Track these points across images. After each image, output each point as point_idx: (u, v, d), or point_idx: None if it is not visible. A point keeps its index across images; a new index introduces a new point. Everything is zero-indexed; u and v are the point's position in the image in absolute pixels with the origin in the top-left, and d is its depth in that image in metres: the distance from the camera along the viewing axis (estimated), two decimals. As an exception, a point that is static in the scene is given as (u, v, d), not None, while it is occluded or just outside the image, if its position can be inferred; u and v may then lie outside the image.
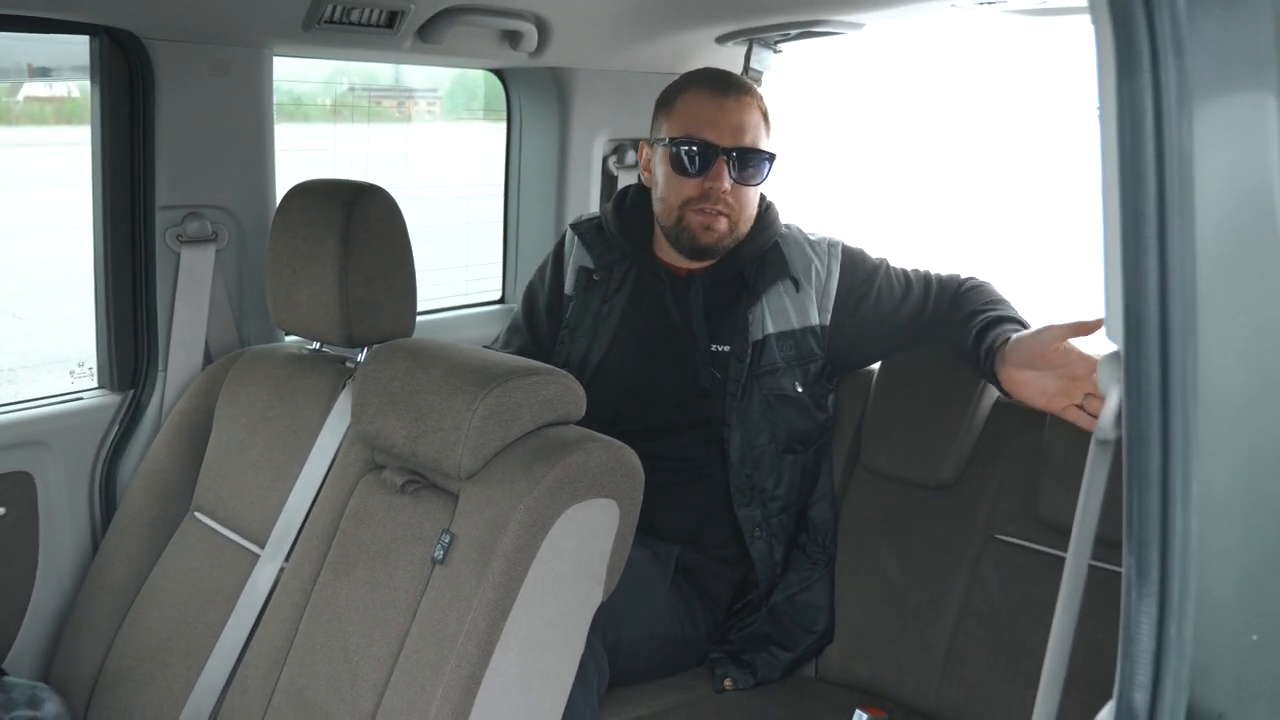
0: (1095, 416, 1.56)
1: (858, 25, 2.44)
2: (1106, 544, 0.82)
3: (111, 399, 2.17)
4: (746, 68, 2.55)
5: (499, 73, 2.72)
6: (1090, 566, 0.84)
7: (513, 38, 2.39)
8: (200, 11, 2.03)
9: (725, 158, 2.03)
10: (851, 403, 2.27)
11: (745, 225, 2.09)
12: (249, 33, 2.12)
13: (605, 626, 1.65)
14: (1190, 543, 0.74)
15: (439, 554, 1.49)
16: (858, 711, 2.03)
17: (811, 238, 2.18)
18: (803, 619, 2.15)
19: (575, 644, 1.53)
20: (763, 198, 2.17)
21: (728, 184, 2.03)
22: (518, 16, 2.34)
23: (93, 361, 2.23)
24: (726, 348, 2.09)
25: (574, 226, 2.27)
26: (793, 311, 2.09)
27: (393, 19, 2.19)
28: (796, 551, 2.16)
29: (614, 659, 1.88)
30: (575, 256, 2.22)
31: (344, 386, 1.85)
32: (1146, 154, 0.73)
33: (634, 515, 1.56)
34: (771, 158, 2.08)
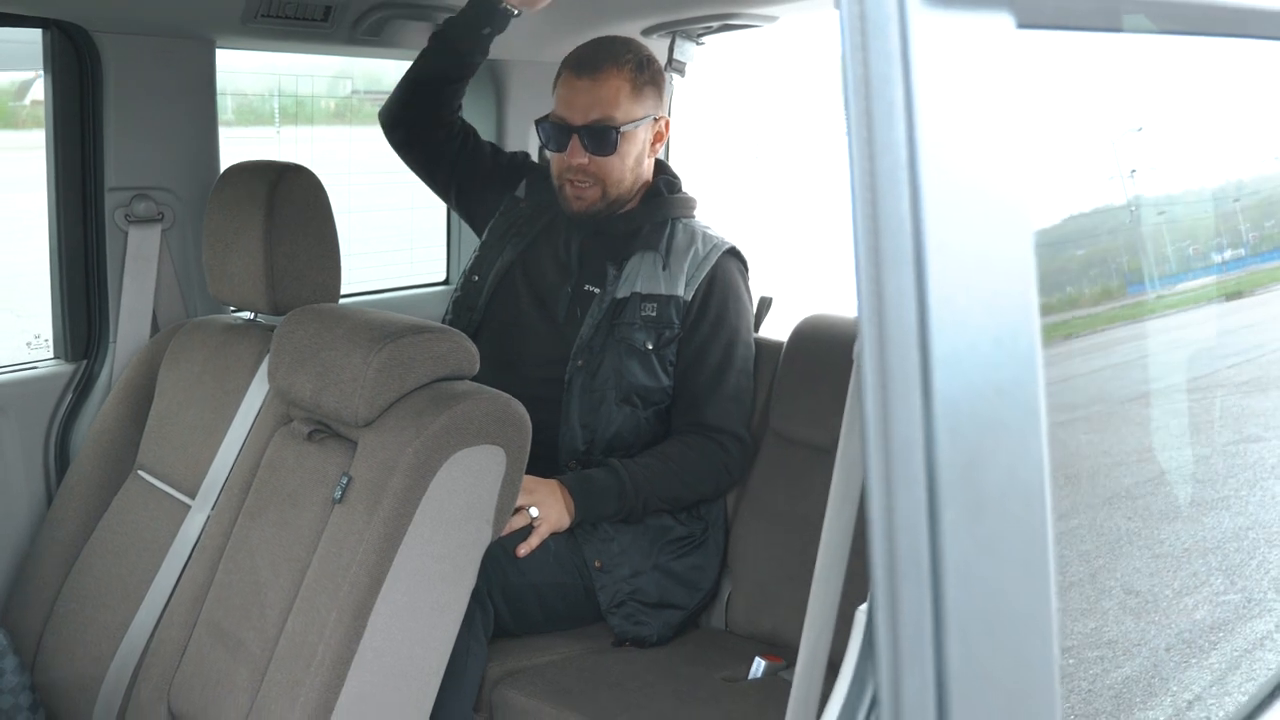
0: None
1: (771, 18, 2.59)
2: None
3: (65, 368, 2.32)
4: (670, 59, 2.70)
5: (440, 65, 2.87)
6: None
7: (440, 32, 2.54)
8: (145, 5, 2.18)
9: (577, 135, 2.23)
10: (763, 373, 2.41)
11: (617, 189, 2.28)
12: (192, 26, 2.28)
13: (491, 567, 1.79)
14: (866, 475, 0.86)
15: (338, 494, 1.64)
16: (757, 659, 2.18)
17: (708, 231, 2.35)
18: (690, 580, 2.27)
19: (465, 580, 1.68)
20: (671, 183, 2.35)
21: (584, 159, 2.23)
22: (447, 10, 2.49)
23: (49, 334, 2.38)
24: (597, 290, 2.26)
25: (531, 166, 2.53)
26: (662, 281, 2.25)
27: (327, 13, 2.35)
28: (669, 519, 2.26)
29: (504, 602, 2.03)
30: (519, 187, 2.46)
31: (269, 352, 2.00)
32: (849, 114, 0.84)
33: (521, 462, 1.71)
34: (619, 129, 2.24)
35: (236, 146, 2.49)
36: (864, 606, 0.95)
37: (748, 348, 2.34)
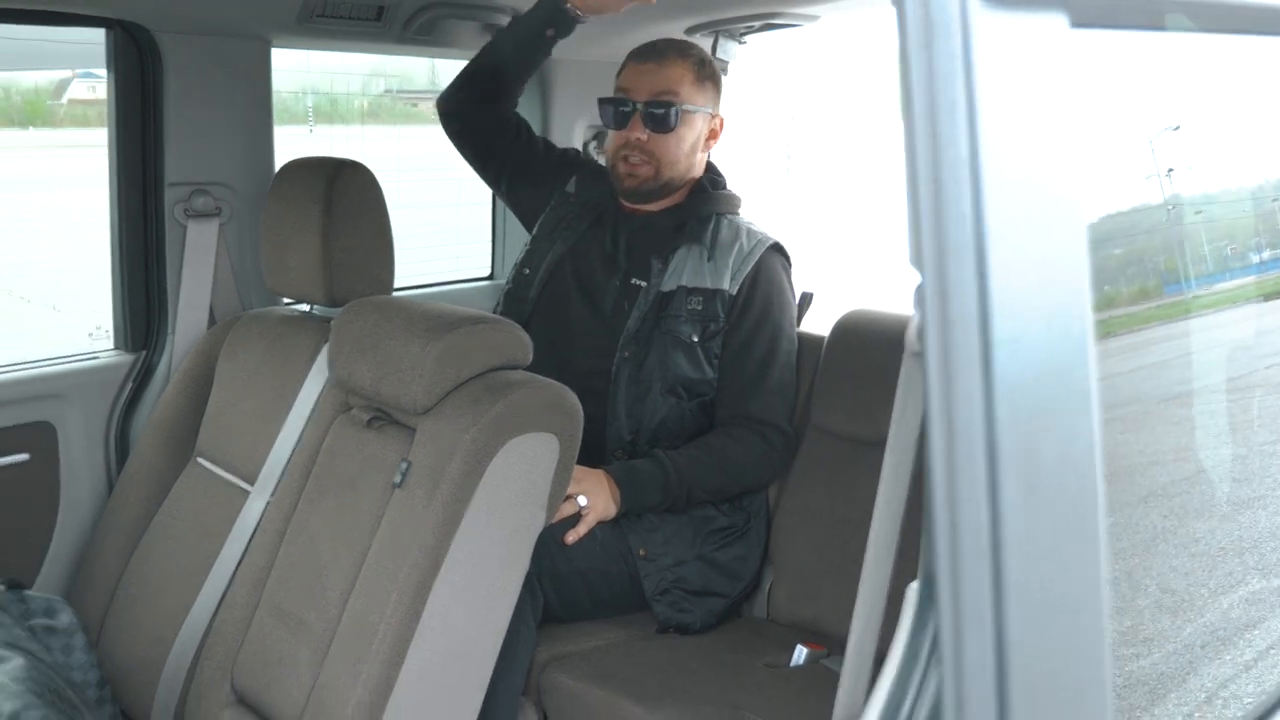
0: None
1: (813, 18, 2.62)
2: None
3: (125, 358, 2.39)
4: (713, 57, 2.74)
5: (487, 63, 2.92)
6: None
7: (494, 30, 2.59)
8: (204, 6, 2.24)
9: (639, 111, 2.30)
10: (805, 367, 2.45)
11: (671, 170, 2.34)
12: (249, 26, 2.34)
13: (541, 554, 1.84)
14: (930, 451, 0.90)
15: (398, 479, 1.69)
16: (799, 647, 2.22)
17: (752, 227, 2.39)
18: (732, 569, 2.31)
19: (520, 563, 1.73)
20: (716, 180, 2.40)
21: (643, 134, 2.30)
22: (499, 10, 2.54)
23: (109, 325, 2.45)
24: (644, 284, 2.30)
25: (580, 163, 2.59)
26: (708, 275, 2.30)
27: (380, 12, 2.40)
28: (711, 509, 2.30)
29: (552, 588, 2.08)
30: (569, 182, 2.51)
31: (327, 342, 2.06)
32: (914, 112, 0.88)
33: (574, 449, 1.76)
34: (681, 109, 2.30)
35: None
36: (914, 584, 0.99)
37: (791, 342, 2.38)
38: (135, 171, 2.34)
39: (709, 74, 2.37)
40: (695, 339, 2.27)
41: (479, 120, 2.48)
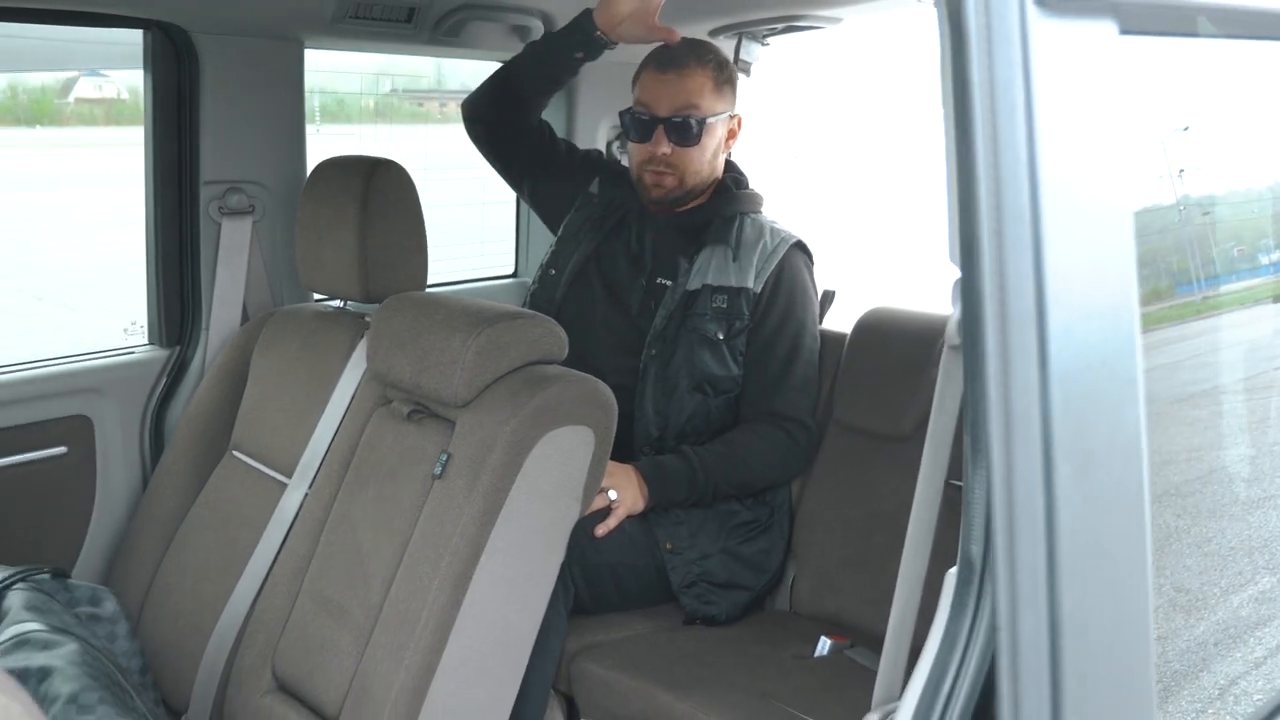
0: None
1: (835, 20, 2.66)
2: None
3: (160, 353, 2.43)
4: (736, 59, 2.78)
5: (512, 64, 2.97)
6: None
7: (522, 32, 2.64)
8: (240, 7, 2.28)
9: (662, 126, 2.32)
10: (827, 364, 2.49)
11: (695, 179, 2.37)
12: (283, 27, 2.38)
13: (572, 546, 1.88)
14: (988, 434, 0.94)
15: (438, 470, 1.74)
16: (823, 638, 2.26)
17: (775, 226, 2.43)
18: (756, 562, 2.35)
19: (556, 553, 1.77)
20: (737, 180, 2.44)
21: (667, 149, 2.32)
22: (526, 12, 2.59)
23: (144, 320, 2.49)
24: (669, 283, 2.35)
25: (603, 164, 2.62)
26: (732, 273, 2.34)
27: (411, 14, 2.45)
28: (736, 504, 2.34)
29: (582, 580, 2.12)
30: (593, 184, 2.54)
31: (362, 337, 2.10)
32: (974, 114, 0.93)
33: (608, 442, 1.80)
34: (704, 121, 2.33)
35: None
36: (953, 570, 1.03)
37: (814, 339, 2.42)
38: (171, 170, 2.38)
39: (727, 77, 2.40)
40: (721, 336, 2.31)
41: (503, 127, 2.51)
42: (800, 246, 2.43)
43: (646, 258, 2.41)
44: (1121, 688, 0.79)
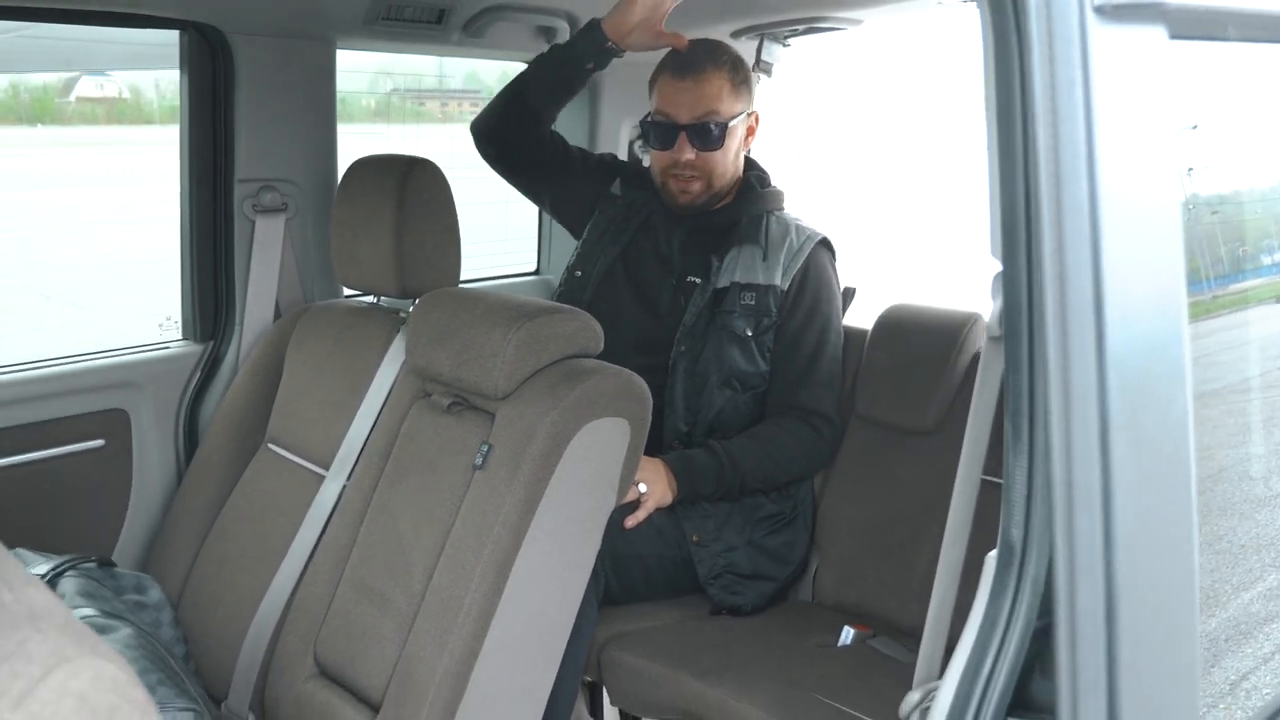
0: None
1: (857, 21, 2.71)
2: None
3: (194, 348, 2.48)
4: (758, 60, 2.83)
5: (535, 64, 3.01)
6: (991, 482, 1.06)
7: (547, 32, 2.68)
8: (275, 8, 2.33)
9: (685, 132, 2.35)
10: (848, 359, 2.54)
11: (720, 181, 2.42)
12: (317, 27, 2.43)
13: (603, 537, 1.92)
14: (1048, 413, 0.99)
15: (479, 461, 1.78)
16: (846, 628, 2.31)
17: (800, 224, 2.48)
18: (781, 554, 2.40)
19: (593, 541, 1.82)
20: (761, 179, 2.48)
21: (691, 154, 2.37)
22: (551, 13, 2.63)
23: (178, 316, 2.54)
24: (698, 281, 2.40)
25: (621, 165, 2.67)
26: (760, 271, 2.38)
27: (440, 16, 2.50)
28: (761, 497, 2.39)
29: (612, 570, 2.17)
30: (614, 184, 2.59)
31: (398, 332, 2.14)
32: (1015, 105, 0.97)
33: (643, 434, 1.85)
34: (725, 124, 2.37)
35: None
36: (992, 554, 1.07)
37: (838, 335, 2.47)
38: (206, 168, 2.43)
39: (744, 77, 2.43)
40: (749, 333, 2.36)
41: (515, 143, 2.53)
42: (825, 244, 2.47)
43: (675, 258, 2.46)
44: (1171, 653, 0.84)
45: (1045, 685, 1.04)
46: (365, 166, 2.21)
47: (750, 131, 2.49)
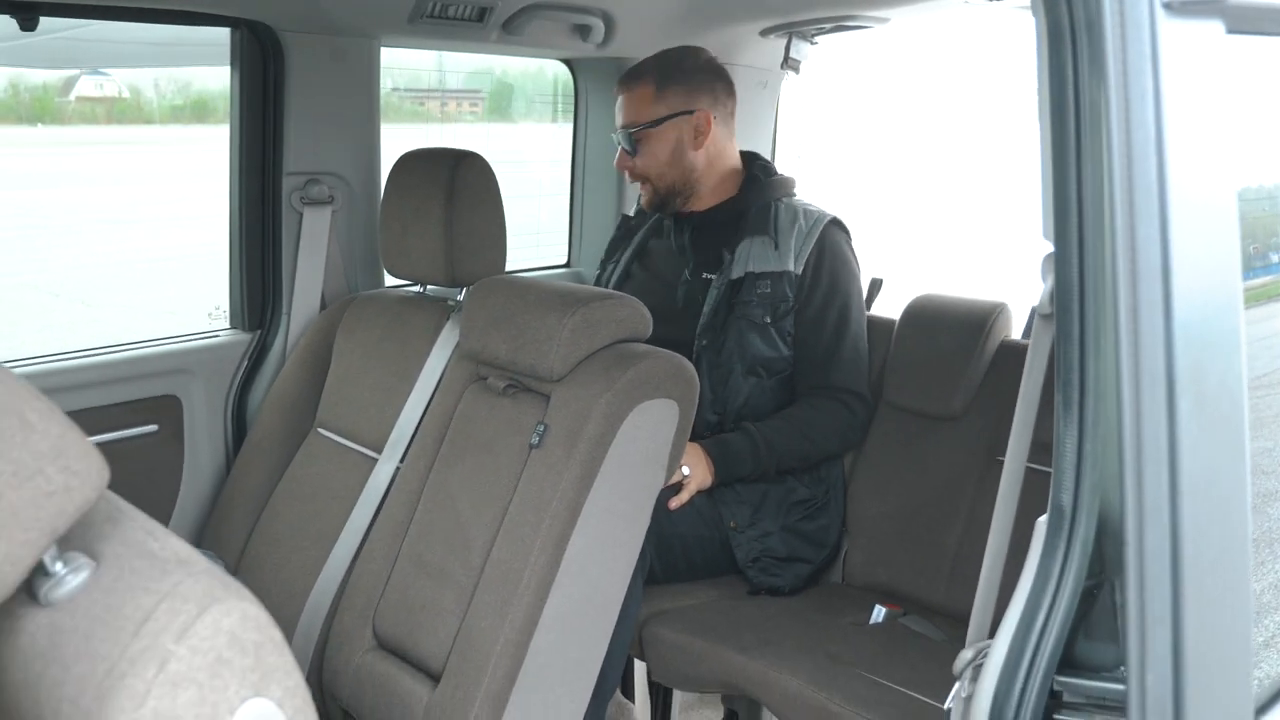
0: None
1: (884, 20, 2.78)
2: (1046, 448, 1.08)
3: (242, 337, 2.56)
4: (786, 57, 2.91)
5: (568, 62, 3.09)
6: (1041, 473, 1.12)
7: (583, 31, 2.76)
8: (326, 6, 2.41)
9: (621, 141, 2.56)
10: (876, 347, 2.61)
11: (662, 181, 2.55)
12: (364, 26, 2.51)
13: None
14: (1100, 384, 1.06)
15: (535, 440, 1.86)
16: (877, 606, 2.39)
17: (809, 207, 2.55)
18: (815, 538, 2.49)
19: (643, 517, 1.90)
20: (766, 168, 2.59)
21: (627, 161, 2.57)
22: (587, 12, 2.71)
23: (226, 306, 2.62)
24: (713, 276, 2.48)
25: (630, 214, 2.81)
26: (773, 259, 2.45)
27: (482, 14, 2.57)
28: (794, 481, 2.47)
29: (654, 550, 2.25)
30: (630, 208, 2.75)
31: (448, 319, 2.22)
32: (1068, 98, 1.03)
33: (690, 415, 1.92)
34: (643, 130, 2.50)
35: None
36: (1042, 519, 1.14)
37: (860, 311, 2.54)
38: (255, 162, 2.50)
39: (674, 79, 2.51)
40: (768, 320, 2.43)
41: None
42: (835, 223, 2.53)
43: (688, 255, 2.55)
44: (1228, 595, 0.91)
45: (1091, 647, 1.12)
46: (414, 160, 2.29)
47: (698, 131, 2.52)
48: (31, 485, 0.82)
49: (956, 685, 1.31)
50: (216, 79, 2.59)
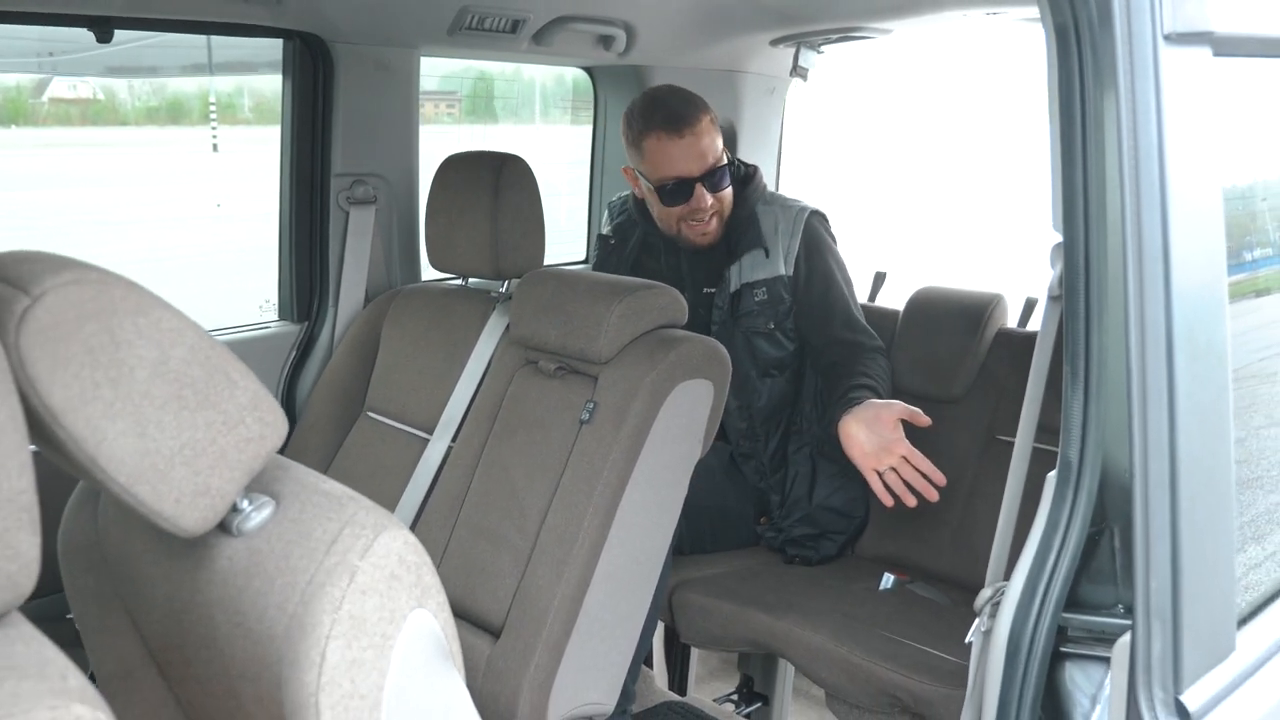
0: (889, 487, 2.23)
1: (887, 30, 2.99)
2: (1052, 431, 1.24)
3: (291, 328, 2.73)
4: (795, 66, 3.11)
5: (589, 70, 3.28)
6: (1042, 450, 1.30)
7: (606, 40, 2.95)
8: (373, 19, 2.59)
9: (701, 184, 2.55)
10: (881, 337, 2.81)
11: (729, 209, 2.63)
12: (406, 37, 2.69)
13: None
14: (1103, 354, 1.25)
15: (585, 416, 2.05)
16: (885, 574, 2.59)
17: (787, 201, 2.70)
18: (846, 510, 2.69)
19: (682, 486, 2.09)
20: (743, 168, 2.72)
21: (709, 201, 2.57)
22: (611, 23, 2.90)
23: (276, 299, 2.80)
24: (713, 291, 2.65)
25: (609, 204, 2.90)
26: (764, 266, 2.62)
27: (515, 26, 2.76)
28: (824, 461, 2.67)
29: (682, 520, 2.43)
30: (601, 225, 2.83)
31: (494, 309, 2.41)
32: (1075, 107, 1.22)
33: (724, 394, 2.12)
34: (726, 164, 2.57)
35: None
36: (1052, 474, 1.33)
37: (849, 282, 2.70)
38: (305, 164, 2.68)
39: (710, 110, 2.58)
40: (771, 326, 2.62)
41: None
42: (814, 214, 2.68)
43: (686, 275, 2.69)
44: (1216, 523, 1.11)
45: (1092, 589, 1.31)
46: (460, 161, 2.47)
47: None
48: (236, 432, 1.00)
49: (977, 620, 1.49)
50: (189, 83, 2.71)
